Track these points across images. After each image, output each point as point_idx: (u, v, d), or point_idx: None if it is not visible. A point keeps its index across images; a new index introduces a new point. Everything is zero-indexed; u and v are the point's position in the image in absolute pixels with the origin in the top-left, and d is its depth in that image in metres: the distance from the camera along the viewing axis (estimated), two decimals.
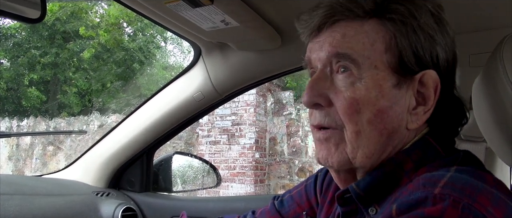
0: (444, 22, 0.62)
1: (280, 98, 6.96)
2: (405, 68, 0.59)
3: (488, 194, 0.49)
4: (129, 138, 1.51)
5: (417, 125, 0.60)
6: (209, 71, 1.35)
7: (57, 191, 1.39)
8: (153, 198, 1.57)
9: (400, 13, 0.59)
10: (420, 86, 0.60)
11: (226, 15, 0.98)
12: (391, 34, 0.59)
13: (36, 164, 8.67)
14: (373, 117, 0.58)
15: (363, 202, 0.60)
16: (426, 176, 0.53)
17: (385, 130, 0.59)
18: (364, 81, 0.59)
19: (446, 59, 0.61)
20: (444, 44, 0.61)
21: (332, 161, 0.62)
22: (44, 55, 12.47)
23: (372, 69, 0.59)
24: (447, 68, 0.62)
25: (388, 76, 0.59)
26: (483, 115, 0.71)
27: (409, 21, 0.59)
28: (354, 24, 0.60)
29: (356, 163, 0.60)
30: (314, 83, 0.62)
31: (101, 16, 13.27)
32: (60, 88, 13.09)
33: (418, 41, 0.59)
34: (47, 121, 9.02)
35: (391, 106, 0.59)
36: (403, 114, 0.60)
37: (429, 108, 0.60)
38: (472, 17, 1.03)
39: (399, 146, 0.61)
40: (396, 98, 0.59)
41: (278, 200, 0.91)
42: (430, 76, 0.59)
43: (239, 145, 6.74)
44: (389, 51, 0.59)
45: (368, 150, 0.59)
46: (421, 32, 0.59)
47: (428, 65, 0.60)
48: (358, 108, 0.58)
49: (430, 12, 0.60)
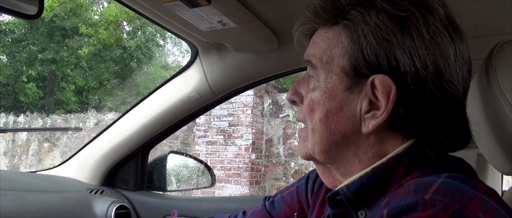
0: (416, 24, 0.58)
1: (277, 100, 6.97)
2: (358, 73, 0.59)
3: (479, 200, 0.49)
4: (124, 136, 1.51)
5: (369, 129, 0.59)
6: (205, 71, 1.35)
7: (51, 187, 1.39)
8: (147, 196, 1.57)
9: (352, 19, 0.60)
10: (377, 91, 0.58)
11: (223, 16, 0.99)
12: (347, 39, 0.60)
13: (32, 160, 8.64)
14: (323, 116, 0.62)
15: (353, 205, 0.61)
16: (417, 182, 0.54)
17: (336, 130, 0.62)
18: (320, 84, 0.63)
19: (412, 64, 0.57)
20: (409, 47, 0.57)
21: (301, 154, 0.69)
22: (42, 51, 12.44)
23: (327, 73, 0.62)
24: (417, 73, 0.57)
25: (340, 80, 0.61)
26: (475, 121, 0.72)
27: (360, 26, 0.59)
28: (323, 31, 0.65)
29: (316, 156, 0.65)
30: (296, 83, 0.70)
31: (101, 13, 13.26)
32: (58, 84, 13.07)
33: (369, 45, 0.58)
34: (43, 117, 9.00)
35: (341, 108, 0.61)
36: (354, 117, 0.60)
37: (381, 113, 0.58)
38: (465, 25, 1.04)
39: (365, 148, 0.62)
40: (347, 101, 0.61)
41: (269, 201, 0.91)
42: (380, 80, 0.57)
43: (235, 146, 6.75)
44: (346, 56, 0.60)
45: (322, 146, 0.64)
46: (372, 37, 0.58)
47: (381, 70, 0.58)
48: (313, 107, 0.64)
49: (392, 15, 0.58)
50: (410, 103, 0.58)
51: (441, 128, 0.60)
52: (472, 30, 1.07)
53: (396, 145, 0.60)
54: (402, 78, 0.57)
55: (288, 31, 1.03)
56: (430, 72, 0.57)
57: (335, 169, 0.66)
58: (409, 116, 0.58)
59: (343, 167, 0.64)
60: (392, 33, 0.57)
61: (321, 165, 0.69)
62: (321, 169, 0.70)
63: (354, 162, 0.63)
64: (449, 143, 0.63)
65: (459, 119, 0.62)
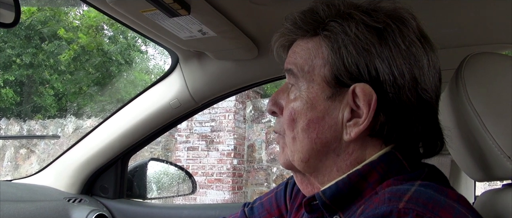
0: (392, 35, 0.60)
1: (259, 106, 6.99)
2: (339, 82, 0.61)
3: (450, 208, 0.51)
4: (103, 144, 1.49)
5: (351, 137, 0.61)
6: (186, 79, 1.35)
7: (27, 196, 1.36)
8: (126, 204, 1.55)
9: (332, 30, 0.62)
10: (358, 100, 0.60)
11: (203, 25, 0.99)
12: (328, 50, 0.62)
13: (7, 167, 8.40)
14: (305, 125, 0.64)
15: (328, 210, 0.62)
16: (392, 190, 0.55)
17: (318, 139, 0.63)
18: (301, 94, 0.64)
19: (390, 72, 0.59)
20: (387, 57, 0.60)
21: (281, 162, 0.70)
22: (19, 56, 12.15)
23: (309, 83, 0.64)
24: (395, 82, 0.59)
25: (322, 89, 0.63)
26: (447, 129, 0.74)
27: (340, 37, 0.61)
28: (302, 42, 0.67)
29: (296, 165, 0.67)
30: (275, 94, 0.70)
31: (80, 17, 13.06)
32: (36, 90, 12.78)
33: (349, 55, 0.60)
34: (20, 123, 8.77)
35: (323, 117, 0.63)
36: (336, 125, 0.62)
37: (363, 121, 0.60)
38: (439, 35, 1.08)
39: (344, 156, 0.63)
40: (329, 110, 0.62)
41: (249, 207, 0.91)
42: (361, 89, 0.60)
43: (217, 151, 6.72)
44: (326, 66, 0.62)
45: (302, 155, 0.65)
46: (352, 47, 0.60)
47: (361, 79, 0.60)
48: (295, 117, 0.65)
49: (370, 26, 0.60)
50: (389, 111, 0.60)
51: (417, 134, 0.62)
52: (448, 40, 1.11)
53: (373, 152, 0.62)
54: (382, 86, 0.60)
55: (267, 40, 1.04)
56: (407, 81, 0.60)
57: (314, 177, 0.67)
58: (389, 123, 0.60)
59: (321, 175, 0.66)
60: (371, 44, 0.60)
61: (299, 174, 0.70)
62: (300, 178, 0.71)
63: (332, 169, 0.64)
64: (424, 149, 0.65)
65: (433, 124, 0.65)
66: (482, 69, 0.67)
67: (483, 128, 0.63)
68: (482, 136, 0.63)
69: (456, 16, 1.03)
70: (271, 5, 0.98)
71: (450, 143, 0.77)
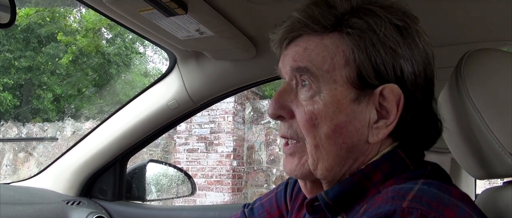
0: (412, 34, 0.60)
1: (259, 107, 6.98)
2: (365, 83, 0.59)
3: (454, 207, 0.50)
4: (102, 145, 1.49)
5: (378, 139, 0.60)
6: (184, 79, 1.35)
7: (26, 199, 1.35)
8: (125, 206, 1.55)
9: (359, 28, 0.59)
10: (382, 100, 0.59)
11: (200, 25, 0.99)
12: (350, 48, 0.59)
13: (6, 171, 8.38)
14: (330, 131, 0.59)
15: (331, 210, 0.61)
16: (394, 189, 0.54)
17: (344, 144, 0.60)
18: (323, 96, 0.60)
19: (413, 72, 0.59)
20: (410, 57, 0.59)
21: (296, 173, 0.64)
22: (18, 59, 12.13)
23: (331, 84, 0.59)
24: (415, 81, 0.60)
25: (347, 91, 0.59)
26: (448, 127, 0.73)
27: (367, 35, 0.58)
28: (315, 38, 0.61)
29: (317, 174, 0.62)
30: (279, 95, 0.64)
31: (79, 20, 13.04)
32: (34, 93, 12.75)
33: (378, 55, 0.58)
34: (19, 126, 8.76)
35: (350, 121, 0.59)
36: (363, 128, 0.60)
37: (392, 122, 0.59)
38: (439, 33, 1.08)
39: (361, 158, 0.62)
40: (355, 113, 0.59)
41: (249, 208, 0.90)
42: (391, 90, 0.58)
43: (217, 153, 6.71)
44: (349, 65, 0.59)
45: (328, 163, 0.60)
46: (381, 46, 0.58)
47: (389, 79, 0.59)
48: (316, 122, 0.59)
49: (394, 25, 0.59)
50: (412, 110, 0.61)
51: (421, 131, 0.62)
52: (448, 38, 1.10)
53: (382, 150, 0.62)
54: (406, 86, 0.59)
55: (265, 39, 1.04)
56: (423, 80, 0.61)
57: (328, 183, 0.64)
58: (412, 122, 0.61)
59: (335, 180, 0.63)
60: (397, 43, 0.59)
61: (310, 182, 0.67)
62: (310, 186, 0.67)
63: (345, 173, 0.62)
64: (423, 141, 0.65)
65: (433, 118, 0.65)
66: (481, 65, 0.67)
67: (484, 125, 0.62)
68: (482, 132, 0.63)
69: (456, 14, 1.02)
70: (269, 4, 0.98)
71: (449, 140, 0.76)
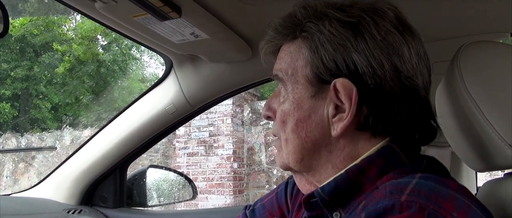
0: (367, 27, 0.61)
1: (257, 108, 6.98)
2: (320, 79, 0.62)
3: (453, 199, 0.51)
4: (101, 153, 1.48)
5: (337, 132, 0.62)
6: (181, 83, 1.35)
7: (26, 210, 1.35)
8: (127, 213, 1.54)
9: (308, 31, 0.64)
10: (340, 95, 0.61)
11: (195, 28, 0.99)
12: (307, 50, 0.64)
13: (6, 182, 8.36)
14: (294, 126, 0.65)
15: (328, 206, 0.62)
16: (392, 183, 0.55)
17: (307, 137, 0.64)
18: (289, 96, 0.66)
19: (368, 64, 0.59)
20: (363, 50, 0.60)
21: (279, 165, 0.71)
22: (14, 69, 12.10)
23: (294, 84, 0.65)
24: (375, 72, 0.60)
25: (306, 89, 0.64)
26: (446, 121, 0.73)
27: (316, 36, 0.63)
28: (286, 47, 0.68)
29: (291, 165, 0.68)
30: (269, 99, 0.73)
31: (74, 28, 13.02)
32: (32, 102, 12.72)
33: (327, 52, 0.61)
34: (17, 136, 8.74)
35: (309, 115, 0.64)
36: (323, 122, 0.63)
37: (347, 115, 0.61)
38: (434, 27, 1.08)
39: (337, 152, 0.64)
40: (314, 107, 0.64)
41: (250, 209, 0.91)
42: (341, 84, 0.60)
43: (217, 156, 6.71)
44: (308, 66, 0.63)
45: (296, 155, 0.66)
46: (328, 44, 0.61)
47: (341, 74, 0.61)
48: (285, 119, 0.66)
49: (344, 22, 0.61)
50: (372, 102, 0.61)
51: (408, 124, 0.62)
52: (443, 32, 1.10)
53: (366, 145, 0.63)
54: (362, 79, 0.60)
55: (261, 40, 1.04)
56: (387, 71, 0.60)
57: (311, 176, 0.68)
58: (374, 114, 0.61)
59: (318, 173, 0.66)
60: (346, 39, 0.61)
61: (298, 174, 0.71)
62: (298, 178, 0.72)
63: (328, 167, 0.65)
64: (420, 136, 0.65)
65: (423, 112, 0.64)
66: (478, 58, 0.67)
67: (482, 117, 0.62)
68: (481, 125, 0.63)
69: (450, 8, 1.02)
70: (262, 5, 0.98)
71: (449, 134, 0.76)
